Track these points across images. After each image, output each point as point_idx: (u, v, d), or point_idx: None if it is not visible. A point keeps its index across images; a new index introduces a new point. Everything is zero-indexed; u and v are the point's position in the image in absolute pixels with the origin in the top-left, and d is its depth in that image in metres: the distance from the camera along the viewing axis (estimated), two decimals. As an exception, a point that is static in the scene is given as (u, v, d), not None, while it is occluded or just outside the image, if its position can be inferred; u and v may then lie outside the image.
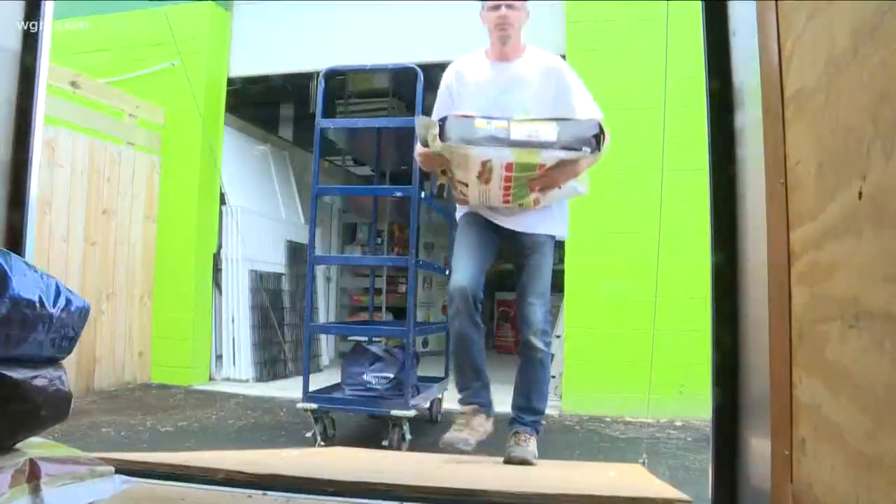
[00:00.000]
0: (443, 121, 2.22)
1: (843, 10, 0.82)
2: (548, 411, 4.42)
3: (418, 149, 2.41)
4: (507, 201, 2.32)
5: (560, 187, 2.33)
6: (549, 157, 2.20)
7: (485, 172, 2.21)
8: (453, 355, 2.51)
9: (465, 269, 2.39)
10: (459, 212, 2.56)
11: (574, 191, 2.42)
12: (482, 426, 2.40)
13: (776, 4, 1.07)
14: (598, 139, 2.19)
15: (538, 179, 2.25)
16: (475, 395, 2.43)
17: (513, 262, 2.54)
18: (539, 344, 2.41)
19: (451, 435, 2.37)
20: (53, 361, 1.32)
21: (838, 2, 0.85)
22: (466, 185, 2.31)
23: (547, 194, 2.33)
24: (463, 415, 2.43)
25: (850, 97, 0.80)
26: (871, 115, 0.73)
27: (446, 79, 2.54)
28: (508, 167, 2.20)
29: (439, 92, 2.56)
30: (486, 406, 2.45)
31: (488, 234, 2.47)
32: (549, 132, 2.17)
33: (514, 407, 2.48)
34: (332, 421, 3.65)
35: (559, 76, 2.42)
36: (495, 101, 2.38)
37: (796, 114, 1.01)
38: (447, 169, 2.34)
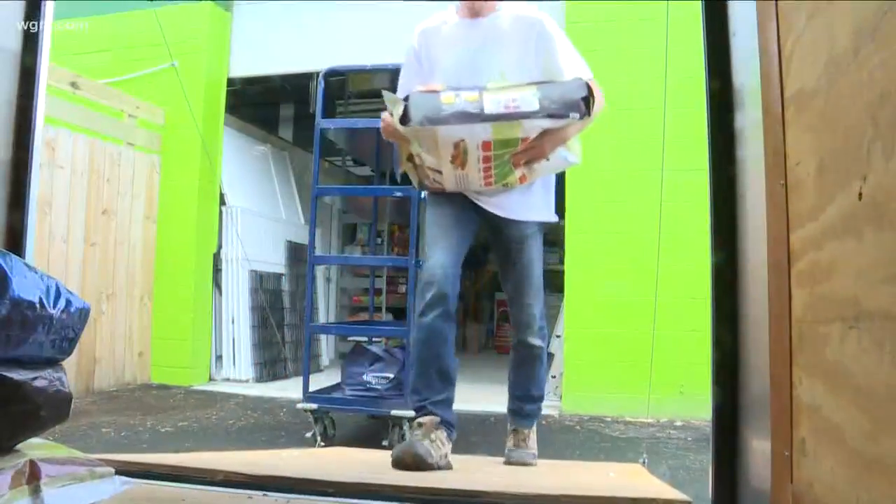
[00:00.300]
0: (406, 99, 1.92)
1: (843, 11, 0.82)
2: (548, 411, 4.47)
3: (384, 116, 2.04)
4: (489, 184, 2.00)
5: (548, 158, 2.02)
6: (532, 128, 1.89)
7: (459, 155, 1.91)
8: (416, 356, 2.11)
9: (440, 256, 2.07)
10: None
11: (564, 161, 2.08)
12: (444, 446, 1.96)
13: (776, 4, 1.07)
14: (586, 102, 1.88)
15: (523, 153, 1.95)
16: (437, 406, 2.02)
17: (498, 255, 2.27)
18: (537, 342, 2.23)
19: (407, 443, 1.96)
20: (54, 362, 1.32)
21: (838, 2, 0.84)
22: (440, 172, 2.00)
23: (534, 168, 2.02)
24: (420, 426, 1.98)
25: (850, 98, 0.80)
26: (872, 116, 0.73)
27: (412, 42, 2.22)
28: (486, 146, 1.89)
29: (404, 59, 2.26)
30: (449, 424, 2.02)
31: (466, 214, 2.14)
32: (529, 100, 1.87)
33: (513, 398, 2.30)
34: (332, 421, 3.65)
35: (540, 30, 2.08)
36: (469, 64, 2.06)
37: (796, 114, 1.01)
38: (414, 155, 2.02)
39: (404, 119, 1.90)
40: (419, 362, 2.09)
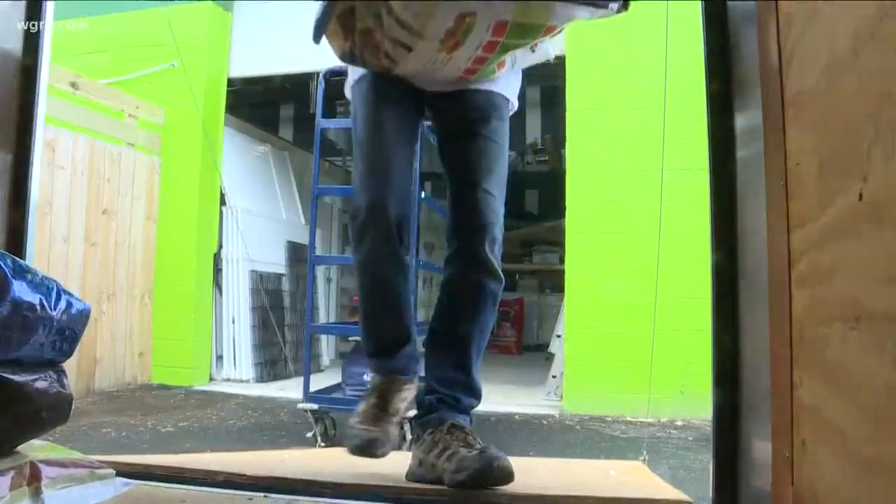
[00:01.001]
0: None
1: (843, 11, 0.82)
2: (548, 411, 4.47)
3: None
4: (465, 77, 1.49)
5: (534, 49, 1.54)
6: (563, 17, 1.37)
7: (457, 33, 1.34)
8: (361, 307, 1.59)
9: (380, 174, 1.48)
10: (357, 73, 1.60)
11: (546, 53, 1.61)
12: (402, 402, 1.52)
13: (776, 4, 1.07)
14: None
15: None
16: (397, 362, 1.53)
17: (447, 137, 1.63)
18: (494, 263, 1.49)
19: (355, 432, 1.48)
20: (54, 363, 1.32)
21: (839, 2, 0.84)
22: (407, 49, 1.39)
23: (517, 59, 1.55)
24: (374, 390, 1.52)
25: (850, 98, 0.80)
26: (872, 117, 0.73)
27: None
28: (499, 29, 1.34)
29: None
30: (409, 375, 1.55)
31: (409, 106, 1.57)
32: None
33: (440, 380, 1.52)
34: (333, 421, 3.65)
35: None
36: None
37: (796, 115, 1.01)
38: (366, 14, 1.35)
39: None
40: (365, 319, 1.59)
